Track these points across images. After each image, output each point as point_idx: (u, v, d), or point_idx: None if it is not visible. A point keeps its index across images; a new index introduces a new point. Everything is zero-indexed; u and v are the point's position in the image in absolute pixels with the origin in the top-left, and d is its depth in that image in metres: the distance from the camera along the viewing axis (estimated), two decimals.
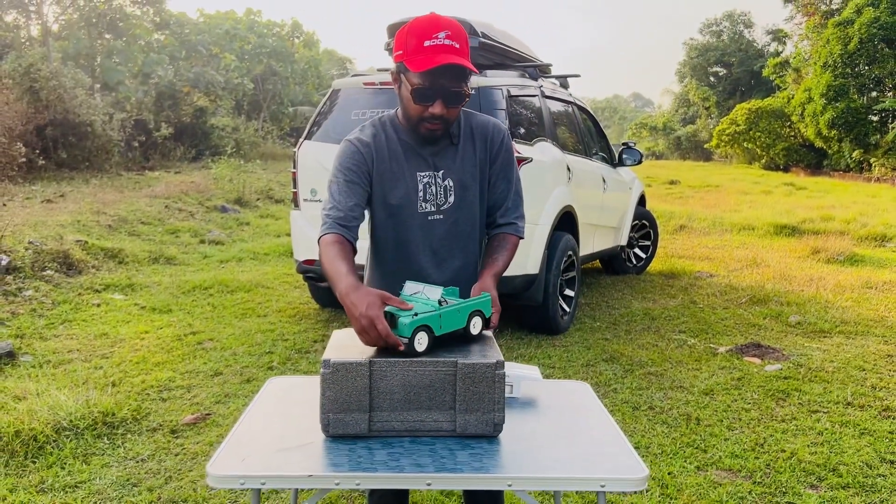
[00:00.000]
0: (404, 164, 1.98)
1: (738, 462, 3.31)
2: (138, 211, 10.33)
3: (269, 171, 18.65)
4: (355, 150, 1.96)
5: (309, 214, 5.46)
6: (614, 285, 7.23)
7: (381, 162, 1.98)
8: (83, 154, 15.79)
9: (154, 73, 21.92)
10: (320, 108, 5.67)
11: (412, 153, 1.99)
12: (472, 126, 2.05)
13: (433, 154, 2.00)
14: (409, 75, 1.84)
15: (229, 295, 6.57)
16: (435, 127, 1.90)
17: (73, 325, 5.51)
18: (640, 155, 7.14)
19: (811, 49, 33.95)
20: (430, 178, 1.99)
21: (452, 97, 1.86)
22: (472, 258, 2.11)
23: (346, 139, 2.00)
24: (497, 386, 1.60)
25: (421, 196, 1.99)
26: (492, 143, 2.06)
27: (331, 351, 1.65)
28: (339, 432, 1.59)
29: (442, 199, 2.01)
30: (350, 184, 1.93)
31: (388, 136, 1.99)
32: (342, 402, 1.58)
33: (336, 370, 1.57)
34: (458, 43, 1.82)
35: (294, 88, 34.51)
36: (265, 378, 4.39)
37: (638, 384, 4.36)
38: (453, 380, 1.59)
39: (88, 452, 3.33)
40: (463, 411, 1.60)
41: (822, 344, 5.28)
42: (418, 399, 1.60)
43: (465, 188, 2.02)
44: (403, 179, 1.98)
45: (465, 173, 2.02)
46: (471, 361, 1.59)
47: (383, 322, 1.57)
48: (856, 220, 12.08)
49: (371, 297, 1.61)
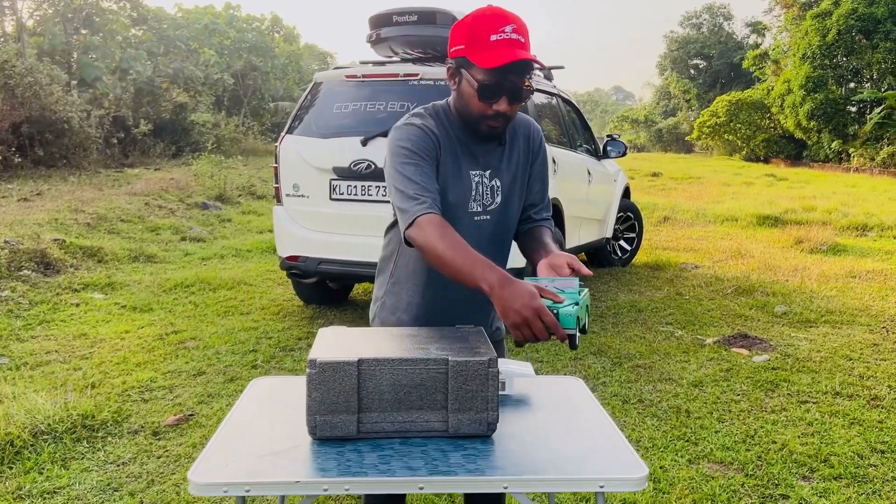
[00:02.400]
0: (460, 161, 1.88)
1: (729, 454, 3.29)
2: (118, 209, 10.17)
3: (251, 167, 18.48)
4: (425, 134, 1.82)
5: (291, 210, 5.38)
6: (600, 278, 7.20)
7: (444, 154, 1.86)
8: (61, 151, 15.55)
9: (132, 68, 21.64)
10: (302, 101, 5.58)
11: (465, 150, 1.89)
12: (516, 125, 1.98)
13: (483, 153, 1.91)
14: (474, 71, 1.74)
15: (211, 293, 6.47)
16: (497, 124, 1.81)
17: (51, 325, 5.40)
18: (624, 147, 7.11)
19: (790, 41, 34.20)
20: (479, 178, 1.90)
21: (518, 94, 1.77)
22: (505, 262, 2.04)
23: (408, 123, 1.84)
24: (490, 384, 1.54)
25: (472, 195, 1.90)
26: (533, 142, 2.01)
27: (317, 350, 1.58)
28: (326, 435, 1.53)
29: (489, 199, 1.92)
30: (425, 166, 1.78)
31: (446, 131, 1.87)
32: (329, 403, 1.52)
33: (323, 370, 1.51)
34: (522, 37, 1.73)
35: (275, 83, 34.24)
36: (249, 377, 4.31)
37: (627, 377, 4.33)
38: (445, 378, 1.53)
39: (67, 457, 3.24)
40: (455, 411, 1.54)
41: (808, 334, 5.28)
42: (409, 399, 1.54)
43: (510, 189, 1.95)
44: (459, 177, 1.88)
45: (510, 173, 1.95)
46: (463, 359, 1.53)
47: (549, 313, 1.49)
48: (837, 210, 12.17)
49: (530, 287, 1.52)
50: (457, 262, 1.61)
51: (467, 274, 1.59)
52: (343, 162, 5.09)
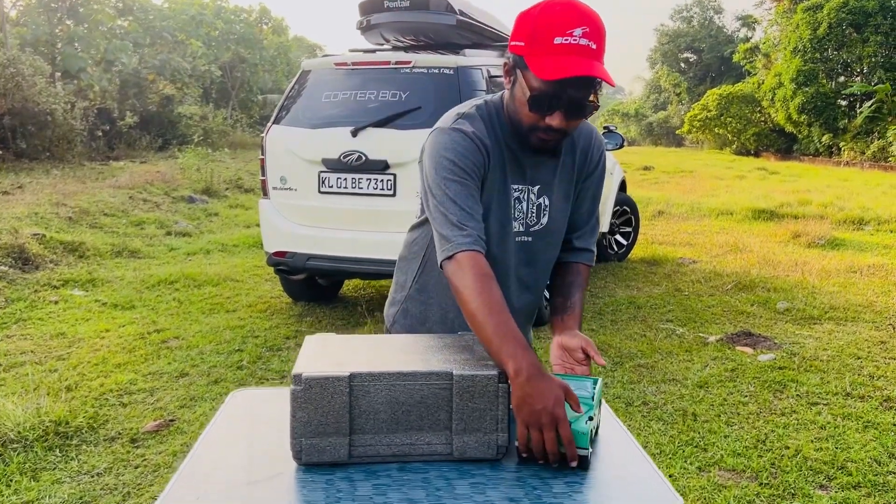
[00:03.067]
0: (506, 173, 1.64)
1: (741, 461, 3.12)
2: (101, 202, 9.91)
3: (239, 160, 18.18)
4: (473, 146, 1.58)
5: (279, 203, 5.17)
6: (596, 273, 7.03)
7: (492, 165, 1.62)
8: (43, 144, 15.21)
9: (118, 60, 21.25)
10: (289, 90, 5.36)
11: (513, 160, 1.64)
12: (574, 135, 1.71)
13: (533, 165, 1.66)
14: (529, 76, 1.49)
15: (196, 289, 6.25)
16: (549, 138, 1.55)
17: (27, 324, 5.17)
18: (621, 139, 6.93)
19: (780, 34, 34.12)
20: (522, 193, 1.66)
21: (577, 109, 1.51)
22: (543, 287, 1.84)
23: (455, 129, 1.60)
24: (500, 401, 1.35)
25: (513, 213, 1.67)
26: (591, 156, 1.74)
27: (302, 362, 1.38)
28: (313, 460, 1.34)
29: (533, 218, 1.69)
30: (472, 188, 1.56)
31: (496, 138, 1.63)
32: (317, 424, 1.32)
33: (309, 387, 1.31)
34: (595, 43, 1.45)
35: (263, 76, 33.84)
36: (234, 379, 4.11)
37: (629, 377, 4.16)
38: (448, 395, 1.34)
39: (38, 467, 3.04)
40: (460, 432, 1.35)
41: (812, 331, 5.12)
42: (408, 419, 1.34)
43: (559, 209, 1.72)
44: (504, 192, 1.65)
45: (562, 191, 1.71)
46: (469, 372, 1.34)
47: (568, 427, 1.28)
48: (833, 203, 12.04)
49: (557, 390, 1.30)
50: (488, 326, 1.40)
51: (495, 344, 1.37)
52: (332, 153, 4.88)
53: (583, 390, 1.45)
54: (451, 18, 5.11)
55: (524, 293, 1.78)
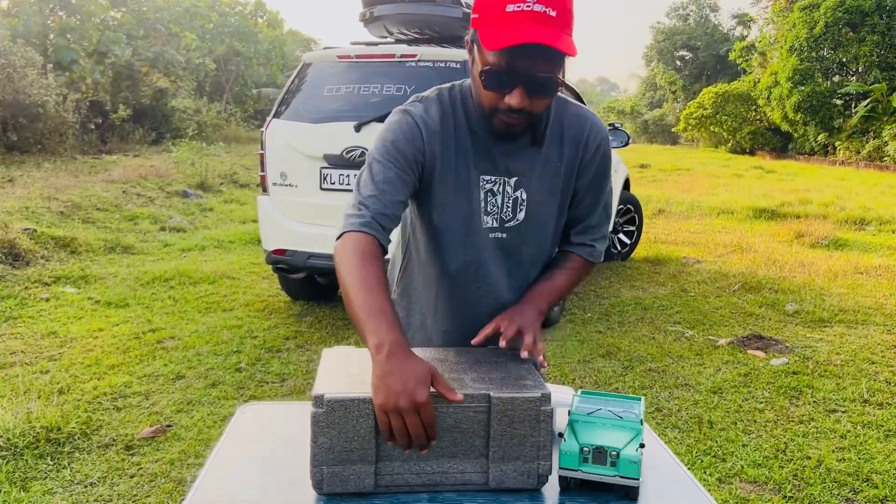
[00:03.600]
0: (470, 163, 1.50)
1: (762, 472, 3.00)
2: (93, 196, 9.73)
3: (233, 155, 17.99)
4: (417, 131, 1.47)
5: (278, 200, 5.02)
6: (600, 272, 6.91)
7: (445, 155, 1.49)
8: (35, 136, 14.97)
9: (111, 52, 20.97)
10: (289, 83, 5.21)
11: (480, 149, 1.50)
12: (563, 123, 1.54)
13: (507, 154, 1.50)
14: (482, 51, 1.36)
15: (192, 287, 6.10)
16: (513, 122, 1.40)
17: (17, 322, 5.01)
18: (626, 137, 6.80)
19: (777, 33, 34.09)
20: (495, 185, 1.51)
21: (537, 85, 1.35)
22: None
23: (403, 110, 1.50)
24: (542, 426, 1.22)
25: (482, 207, 1.52)
26: (586, 148, 1.55)
27: (323, 382, 1.24)
28: (335, 490, 1.21)
29: (508, 213, 1.53)
30: (400, 172, 1.43)
31: (456, 123, 1.50)
32: (340, 451, 1.19)
33: (332, 409, 1.17)
34: (554, 10, 1.29)
35: (258, 69, 33.56)
36: (233, 381, 3.97)
37: (640, 382, 4.04)
38: (485, 419, 1.21)
39: (28, 476, 2.89)
40: (498, 460, 1.22)
41: (823, 334, 5.01)
42: (440, 444, 1.21)
43: (540, 204, 1.55)
44: (467, 184, 1.51)
45: (545, 184, 1.54)
46: (508, 395, 1.21)
47: (432, 412, 1.14)
48: (833, 203, 11.97)
49: (421, 370, 1.15)
50: (356, 302, 1.27)
51: (362, 320, 1.24)
52: (334, 149, 4.73)
53: (629, 413, 1.32)
54: (458, 11, 4.97)
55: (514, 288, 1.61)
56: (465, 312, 1.62)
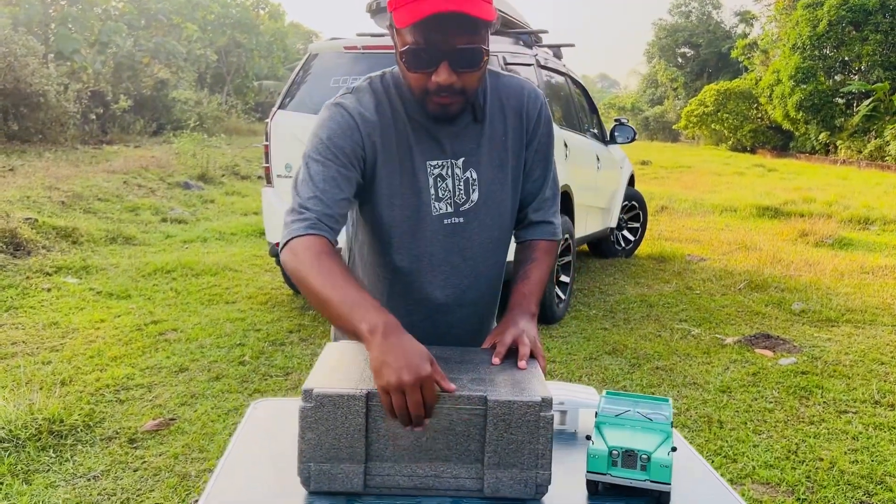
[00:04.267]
0: (412, 150, 1.44)
1: (774, 474, 2.96)
2: (95, 187, 9.67)
3: (234, 147, 17.92)
4: (352, 125, 1.39)
5: (283, 191, 4.97)
6: (604, 269, 6.87)
7: (385, 145, 1.42)
8: (36, 126, 14.92)
9: (112, 42, 20.90)
10: (295, 74, 5.16)
11: (422, 134, 1.44)
12: (500, 94, 1.49)
13: (451, 136, 1.45)
14: (401, 33, 1.31)
15: (194, 279, 6.05)
16: (447, 101, 1.34)
17: (19, 312, 4.97)
18: (633, 132, 6.75)
19: (779, 31, 33.99)
20: (444, 169, 1.45)
21: (463, 58, 1.29)
22: (499, 272, 1.61)
23: (335, 104, 1.42)
24: (542, 433, 1.15)
25: (433, 194, 1.45)
26: (528, 115, 1.51)
27: (316, 376, 1.18)
28: (323, 488, 1.15)
29: (462, 196, 1.46)
30: (340, 169, 1.37)
31: (393, 110, 1.43)
32: (328, 448, 1.13)
33: (320, 405, 1.11)
34: None
35: (259, 62, 33.45)
36: (236, 375, 3.93)
37: (648, 381, 4.00)
38: (481, 423, 1.14)
39: (30, 469, 2.85)
40: (493, 466, 1.15)
41: (831, 334, 4.98)
42: (433, 447, 1.15)
43: (493, 181, 1.49)
44: (412, 172, 1.44)
45: (494, 160, 1.48)
46: (506, 398, 1.13)
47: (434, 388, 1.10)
48: (837, 202, 11.93)
49: (422, 348, 1.13)
50: (333, 299, 1.21)
51: (345, 314, 1.19)
52: None
53: (659, 414, 1.27)
54: None
55: (464, 288, 1.53)
56: (420, 308, 1.54)
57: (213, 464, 2.94)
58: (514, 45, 5.16)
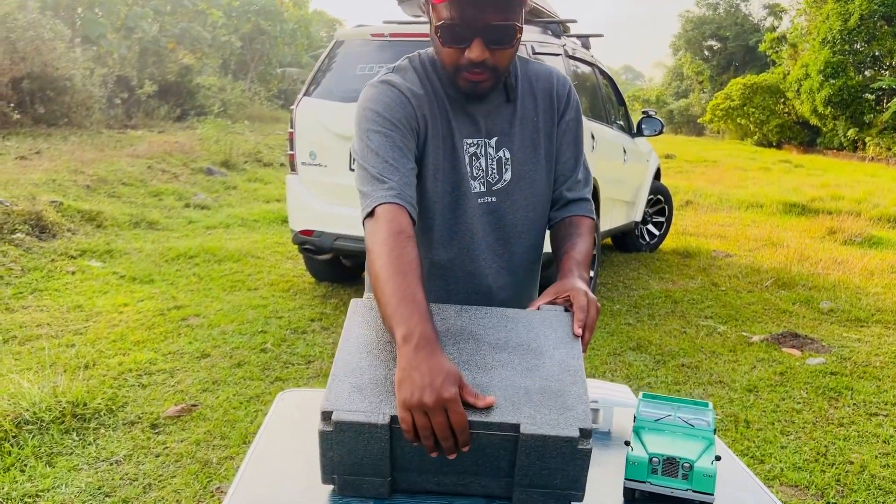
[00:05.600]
0: (452, 127, 1.43)
1: (803, 476, 2.90)
2: (119, 171, 9.73)
3: (257, 133, 17.96)
4: (404, 99, 1.39)
5: (307, 179, 4.95)
6: (628, 264, 6.79)
7: (432, 120, 1.41)
8: (62, 110, 15.03)
9: (138, 27, 21.02)
10: (321, 62, 5.12)
11: (459, 112, 1.44)
12: (530, 77, 1.50)
13: (484, 115, 1.45)
14: (435, 8, 1.32)
15: (216, 265, 6.06)
16: (479, 78, 1.35)
17: (44, 294, 5.00)
18: (660, 125, 6.66)
19: (809, 24, 33.41)
20: (478, 148, 1.45)
21: (494, 34, 1.30)
22: (536, 256, 1.58)
23: (382, 81, 1.42)
24: (578, 463, 1.07)
25: (468, 171, 1.44)
26: (558, 98, 1.51)
27: (336, 387, 1.10)
28: (350, 494, 1.11)
29: (494, 175, 1.46)
30: (403, 139, 1.36)
31: (433, 88, 1.43)
32: (351, 465, 1.09)
33: (340, 430, 1.05)
34: None
35: (283, 49, 33.50)
36: (258, 362, 3.93)
37: (674, 378, 3.94)
38: (513, 447, 1.07)
39: (54, 451, 2.86)
40: (525, 486, 1.10)
41: (861, 334, 4.88)
42: (461, 462, 1.10)
43: (525, 161, 1.48)
44: (452, 148, 1.43)
45: (526, 140, 1.48)
46: (540, 432, 1.05)
47: (462, 413, 1.03)
48: (866, 200, 11.72)
49: (450, 367, 1.06)
50: (388, 287, 1.18)
51: (391, 307, 1.15)
52: None
53: (700, 420, 1.22)
54: None
55: (500, 269, 1.52)
56: (459, 289, 1.51)
57: (234, 451, 2.93)
58: (543, 35, 5.09)
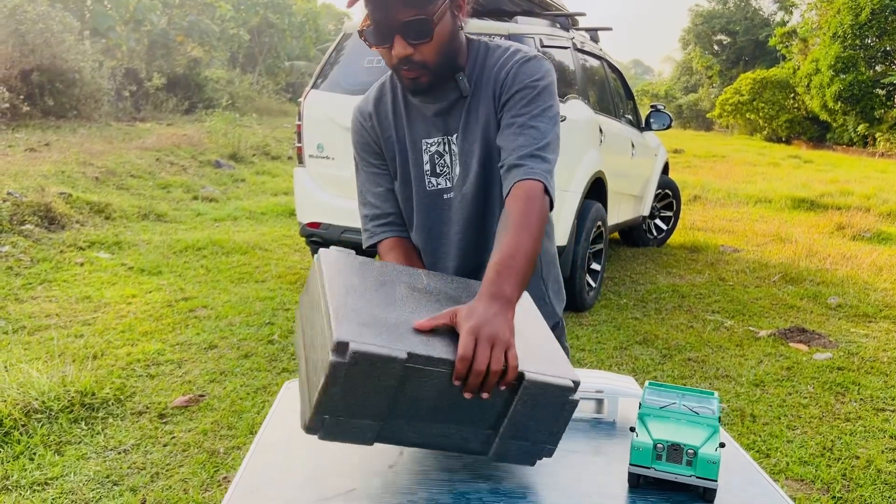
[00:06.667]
0: (409, 130, 1.53)
1: (809, 471, 2.90)
2: (127, 163, 9.76)
3: (265, 126, 17.99)
4: (360, 126, 1.58)
5: (314, 172, 4.96)
6: (635, 258, 6.78)
7: (385, 132, 1.55)
8: (71, 102, 15.09)
9: (146, 19, 21.07)
10: (328, 54, 5.12)
11: (418, 115, 1.52)
12: (487, 66, 1.47)
13: (442, 113, 1.48)
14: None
15: (224, 257, 6.08)
16: (412, 74, 1.38)
17: (53, 285, 5.03)
18: (669, 119, 6.62)
19: (820, 19, 33.19)
20: (440, 146, 1.50)
21: (411, 30, 1.31)
22: None
23: (357, 109, 1.60)
24: (564, 416, 1.12)
25: (428, 170, 1.52)
26: (497, 78, 1.44)
27: (345, 322, 1.03)
28: (331, 437, 1.07)
29: (457, 170, 1.51)
30: (374, 168, 1.59)
31: (394, 97, 1.55)
32: (352, 404, 1.04)
33: (355, 362, 0.99)
34: None
35: (291, 42, 33.53)
36: (265, 353, 3.94)
37: (680, 372, 3.94)
38: (510, 397, 1.09)
39: (63, 440, 2.88)
40: (507, 437, 1.12)
41: (868, 330, 4.86)
42: (453, 411, 1.10)
43: (473, 152, 1.47)
44: (413, 149, 1.53)
45: (475, 131, 1.47)
46: (543, 379, 1.08)
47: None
48: (875, 195, 11.64)
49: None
50: None
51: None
52: None
53: (705, 408, 1.22)
54: None
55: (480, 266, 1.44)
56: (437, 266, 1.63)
57: (241, 441, 2.95)
58: (551, 28, 5.08)
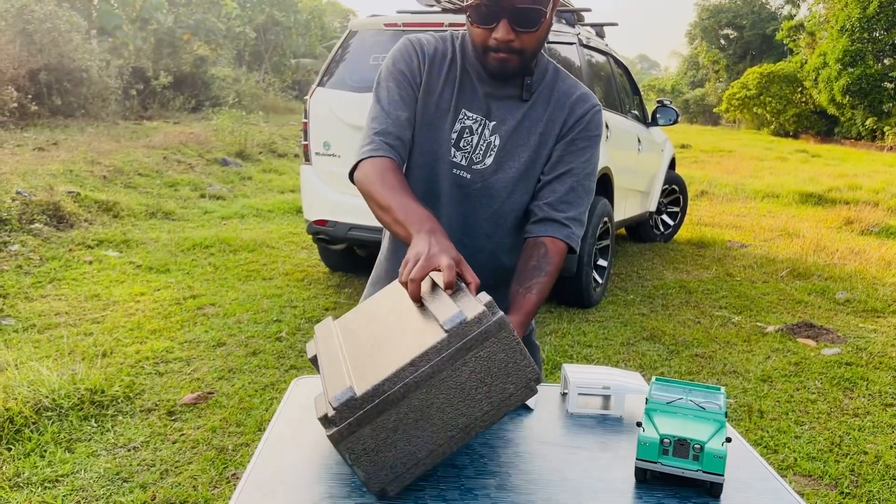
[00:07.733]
0: (456, 94, 1.50)
1: (817, 466, 2.89)
2: (135, 162, 9.80)
3: (272, 124, 18.01)
4: (413, 51, 1.51)
5: (321, 169, 4.97)
6: (642, 254, 6.77)
7: (430, 80, 1.51)
8: (78, 101, 15.13)
9: (153, 18, 21.10)
10: (335, 52, 5.13)
11: (468, 84, 1.51)
12: (554, 88, 1.53)
13: (492, 97, 1.50)
14: None
15: (232, 255, 6.11)
16: (504, 57, 1.40)
17: (62, 284, 5.06)
18: (675, 114, 6.61)
19: (827, 12, 33.00)
20: (475, 123, 1.50)
21: (522, 18, 1.36)
22: (500, 247, 1.57)
23: (405, 37, 1.55)
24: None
25: (453, 139, 1.50)
26: (571, 113, 1.51)
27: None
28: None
29: (479, 155, 1.50)
30: (403, 90, 1.49)
31: (452, 56, 1.52)
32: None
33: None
34: None
35: (297, 40, 33.54)
36: (273, 351, 3.96)
37: (687, 368, 3.93)
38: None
39: (73, 438, 2.90)
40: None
41: (877, 325, 4.85)
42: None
43: (510, 155, 1.50)
44: (445, 111, 1.50)
45: (520, 137, 1.50)
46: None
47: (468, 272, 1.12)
48: (884, 190, 11.58)
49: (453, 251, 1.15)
50: (393, 205, 1.30)
51: (402, 220, 1.27)
52: None
53: (712, 403, 1.23)
54: None
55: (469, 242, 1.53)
56: None
57: (250, 438, 2.96)
58: (557, 24, 5.07)
